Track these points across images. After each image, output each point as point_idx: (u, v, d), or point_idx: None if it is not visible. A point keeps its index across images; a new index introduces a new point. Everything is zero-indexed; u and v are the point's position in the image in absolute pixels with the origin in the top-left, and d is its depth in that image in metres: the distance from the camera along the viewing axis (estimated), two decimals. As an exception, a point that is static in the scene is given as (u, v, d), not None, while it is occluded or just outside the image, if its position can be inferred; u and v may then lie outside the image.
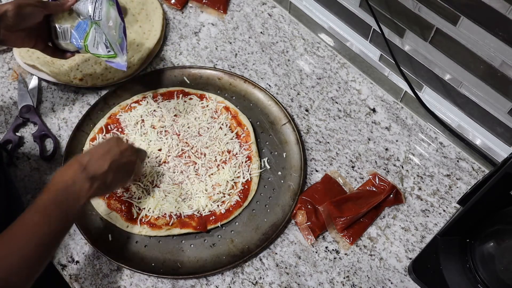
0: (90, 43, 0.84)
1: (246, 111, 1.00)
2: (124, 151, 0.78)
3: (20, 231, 0.64)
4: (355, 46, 1.04)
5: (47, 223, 0.65)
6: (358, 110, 1.02)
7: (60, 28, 0.85)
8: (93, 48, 0.85)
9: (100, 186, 0.73)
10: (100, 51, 0.85)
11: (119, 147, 0.78)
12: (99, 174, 0.73)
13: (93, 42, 0.84)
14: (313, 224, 0.88)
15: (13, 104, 1.02)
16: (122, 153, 0.78)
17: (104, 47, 0.84)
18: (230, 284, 0.85)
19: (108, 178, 0.74)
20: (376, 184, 0.92)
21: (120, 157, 0.77)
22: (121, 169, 0.77)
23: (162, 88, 1.02)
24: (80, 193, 0.70)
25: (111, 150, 0.77)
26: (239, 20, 1.15)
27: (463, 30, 0.78)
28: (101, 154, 0.76)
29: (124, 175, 0.80)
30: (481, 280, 0.77)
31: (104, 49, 0.84)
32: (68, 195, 0.69)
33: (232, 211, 0.89)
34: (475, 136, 0.92)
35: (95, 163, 0.73)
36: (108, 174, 0.74)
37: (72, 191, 0.69)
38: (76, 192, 0.70)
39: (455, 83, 0.88)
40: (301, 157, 0.94)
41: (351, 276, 0.85)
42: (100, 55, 0.85)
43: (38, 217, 0.65)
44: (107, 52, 0.84)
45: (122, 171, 0.78)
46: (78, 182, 0.70)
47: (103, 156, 0.75)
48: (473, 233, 0.80)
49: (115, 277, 0.85)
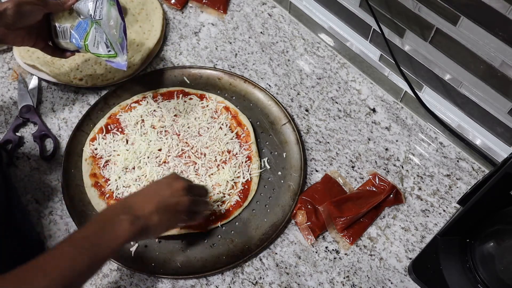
0: (90, 42, 0.84)
1: (246, 111, 1.00)
2: (176, 191, 0.74)
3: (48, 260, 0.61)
4: (355, 46, 1.04)
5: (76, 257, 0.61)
6: (358, 110, 1.02)
7: (60, 27, 0.85)
8: (94, 48, 0.84)
9: (144, 227, 0.68)
10: (101, 50, 0.84)
11: (172, 186, 0.74)
12: (143, 214, 0.69)
13: (93, 41, 0.84)
14: (313, 224, 0.88)
15: (13, 104, 1.02)
16: (173, 194, 0.74)
17: (104, 46, 0.84)
18: (230, 284, 0.85)
19: (153, 219, 0.70)
20: (376, 184, 0.92)
21: (170, 197, 0.73)
22: (169, 210, 0.72)
23: (162, 88, 1.02)
24: (118, 232, 0.66)
25: (161, 190, 0.73)
26: (239, 20, 1.15)
27: (463, 30, 0.78)
28: (150, 194, 0.73)
29: (174, 217, 0.74)
30: (481, 280, 0.77)
31: (105, 49, 0.84)
32: (105, 232, 0.65)
33: (232, 211, 0.89)
34: (475, 136, 0.92)
35: (141, 203, 0.70)
36: (153, 216, 0.70)
37: (110, 228, 0.66)
38: (114, 231, 0.66)
39: (455, 83, 0.88)
40: (301, 157, 0.94)
41: (351, 276, 0.85)
42: (100, 55, 0.85)
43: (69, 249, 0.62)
44: (107, 51, 0.84)
45: (171, 213, 0.73)
46: (118, 221, 0.67)
47: (151, 197, 0.72)
48: (473, 233, 0.80)
49: (115, 277, 0.85)
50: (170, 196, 0.73)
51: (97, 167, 0.93)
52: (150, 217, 0.70)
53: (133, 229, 0.67)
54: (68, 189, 0.91)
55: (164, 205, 0.72)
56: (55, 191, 0.92)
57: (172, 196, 0.73)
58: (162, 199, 0.72)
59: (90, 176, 0.92)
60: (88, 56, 1.05)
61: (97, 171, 0.93)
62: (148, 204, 0.70)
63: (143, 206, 0.70)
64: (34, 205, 0.91)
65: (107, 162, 0.93)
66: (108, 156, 0.94)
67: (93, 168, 0.93)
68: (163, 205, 0.72)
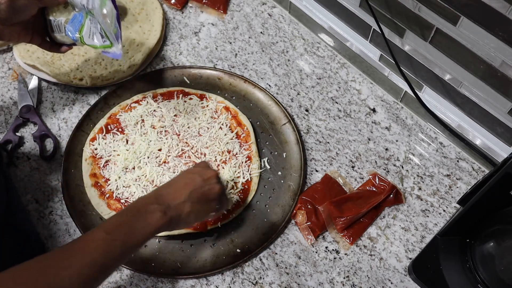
0: (85, 34, 0.83)
1: (246, 111, 1.00)
2: (208, 179, 0.75)
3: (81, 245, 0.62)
4: (355, 46, 1.04)
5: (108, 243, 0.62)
6: (358, 110, 1.02)
7: (55, 21, 0.84)
8: (89, 39, 0.84)
9: (175, 217, 0.69)
10: (96, 41, 0.83)
11: (203, 175, 0.75)
12: (175, 204, 0.70)
13: (88, 33, 0.83)
14: (313, 224, 0.88)
15: (13, 104, 1.02)
16: (205, 181, 0.74)
17: (99, 37, 0.83)
18: (230, 284, 0.85)
19: (185, 208, 0.71)
20: (376, 184, 0.92)
21: (202, 185, 0.73)
22: (202, 199, 0.73)
23: (162, 88, 1.02)
24: (150, 221, 0.66)
25: (194, 179, 0.74)
26: (239, 20, 1.15)
27: (463, 30, 0.78)
28: (182, 184, 0.73)
29: (206, 205, 0.74)
30: (481, 280, 0.77)
31: (100, 39, 0.83)
32: (138, 221, 0.66)
33: (232, 211, 0.89)
34: (475, 136, 0.92)
35: (173, 193, 0.71)
36: (185, 204, 0.71)
37: (143, 217, 0.67)
38: (146, 219, 0.66)
39: (455, 83, 0.88)
40: (301, 157, 0.94)
41: (351, 276, 0.85)
42: (96, 46, 0.84)
43: (102, 235, 0.63)
44: (102, 42, 0.83)
45: (203, 201, 0.74)
46: (150, 210, 0.67)
47: (183, 186, 0.72)
48: (473, 233, 0.80)
49: (115, 277, 0.85)
50: (202, 185, 0.74)
51: (97, 167, 0.93)
52: (182, 206, 0.70)
53: (165, 218, 0.67)
54: (68, 189, 0.91)
55: (196, 194, 0.72)
56: (55, 191, 0.92)
57: (204, 185, 0.74)
58: (194, 188, 0.73)
59: (90, 176, 0.92)
60: (88, 56, 1.05)
61: (97, 171, 0.93)
62: (180, 194, 0.71)
63: (175, 196, 0.70)
64: (34, 205, 0.91)
65: (107, 162, 0.93)
66: (108, 156, 0.94)
67: (93, 168, 0.93)
68: (195, 194, 0.72)
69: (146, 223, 0.66)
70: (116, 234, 0.63)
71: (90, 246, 0.62)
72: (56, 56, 1.05)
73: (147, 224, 0.66)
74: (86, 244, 0.62)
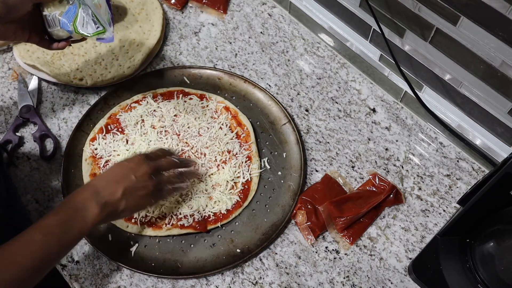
0: (79, 24, 0.82)
1: (246, 111, 1.00)
2: (141, 176, 0.76)
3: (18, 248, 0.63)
4: (355, 46, 1.04)
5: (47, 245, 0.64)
6: (358, 110, 1.02)
7: (50, 16, 0.82)
8: (83, 28, 0.83)
9: (111, 213, 0.72)
10: (90, 29, 0.83)
11: (135, 172, 0.76)
12: (112, 201, 0.72)
13: (82, 22, 0.82)
14: (313, 224, 0.88)
15: (13, 104, 1.02)
16: (138, 179, 0.75)
17: (92, 24, 0.82)
18: (230, 284, 0.85)
19: (121, 205, 0.73)
20: (376, 184, 0.92)
21: (135, 182, 0.75)
22: (136, 195, 0.75)
23: (162, 88, 1.02)
24: (87, 219, 0.69)
25: (127, 175, 0.75)
26: (239, 20, 1.15)
27: (463, 30, 0.78)
28: (116, 179, 0.74)
29: (139, 200, 0.76)
30: (481, 280, 0.77)
31: (93, 26, 0.82)
32: (75, 219, 0.68)
33: (232, 211, 0.89)
34: (475, 136, 0.93)
35: (108, 189, 0.72)
36: (121, 202, 0.73)
37: (80, 215, 0.68)
38: (84, 217, 0.68)
39: (455, 83, 0.88)
40: (301, 157, 0.94)
41: (351, 276, 0.85)
42: (90, 35, 0.83)
43: (39, 237, 0.64)
44: (96, 29, 0.82)
45: (139, 197, 0.76)
46: (87, 207, 0.69)
47: (117, 183, 0.73)
48: (473, 233, 0.80)
49: (115, 277, 0.85)
50: (135, 182, 0.75)
51: (97, 167, 0.93)
52: (118, 203, 0.72)
53: (102, 215, 0.70)
54: (68, 189, 0.91)
55: (130, 191, 0.74)
56: (55, 191, 0.92)
57: (137, 182, 0.75)
58: (128, 184, 0.74)
59: (90, 176, 0.92)
60: (88, 56, 1.05)
61: (97, 171, 0.93)
62: (115, 190, 0.72)
63: (110, 192, 0.72)
64: (34, 205, 0.91)
65: (107, 162, 0.93)
66: (108, 156, 0.94)
67: (93, 168, 0.93)
68: (129, 191, 0.74)
69: (83, 222, 0.68)
70: (54, 235, 0.65)
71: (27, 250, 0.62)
72: (56, 56, 1.05)
73: (85, 222, 0.68)
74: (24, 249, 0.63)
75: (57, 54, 1.05)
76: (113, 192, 0.72)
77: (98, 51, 1.07)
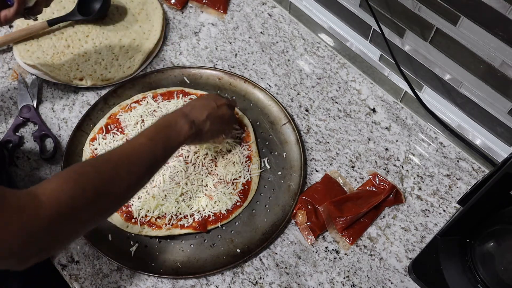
0: None
1: (246, 111, 1.00)
2: (221, 105, 0.87)
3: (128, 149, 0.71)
4: (355, 46, 1.04)
5: (152, 147, 0.73)
6: (358, 110, 1.02)
7: None
8: None
9: (198, 131, 0.81)
10: None
11: (216, 102, 0.87)
12: (198, 121, 0.81)
13: None
14: (313, 224, 0.88)
15: (13, 104, 1.02)
16: (219, 107, 0.86)
17: None
18: (230, 284, 0.85)
19: (206, 126, 0.83)
20: (376, 184, 0.92)
21: (217, 110, 0.86)
22: (217, 120, 0.85)
23: (162, 88, 1.02)
24: (180, 131, 0.78)
25: (210, 103, 0.86)
26: (239, 20, 1.15)
27: (463, 30, 0.78)
28: (201, 105, 0.84)
29: (220, 126, 0.87)
30: (481, 280, 0.77)
31: None
32: (171, 131, 0.77)
33: (232, 211, 0.89)
34: (475, 136, 0.93)
35: (195, 112, 0.82)
36: (206, 123, 0.83)
37: (174, 128, 0.78)
38: (177, 130, 0.78)
39: (455, 83, 0.88)
40: (301, 157, 0.94)
41: (351, 276, 0.85)
42: None
43: (145, 141, 0.73)
44: None
45: (218, 122, 0.86)
46: (179, 123, 0.78)
47: (203, 108, 0.84)
48: (473, 233, 0.80)
49: (115, 277, 0.85)
50: (217, 109, 0.86)
51: (97, 167, 0.93)
52: (204, 124, 0.83)
53: (191, 131, 0.79)
54: (68, 189, 0.91)
55: (213, 115, 0.84)
56: (55, 191, 0.92)
57: (218, 109, 0.86)
58: (212, 110, 0.85)
59: (90, 176, 0.92)
60: (88, 56, 1.05)
61: (97, 171, 0.93)
62: (201, 114, 0.83)
63: (197, 115, 0.82)
64: (34, 205, 0.91)
65: (107, 162, 0.93)
66: (108, 156, 0.94)
67: (93, 168, 0.93)
68: (212, 115, 0.84)
69: (177, 133, 0.78)
70: (156, 140, 0.74)
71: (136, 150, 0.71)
72: (56, 56, 1.05)
73: (179, 134, 0.78)
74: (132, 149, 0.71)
75: (57, 54, 1.05)
76: (199, 114, 0.82)
77: (98, 51, 1.07)
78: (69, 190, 0.60)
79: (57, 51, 1.06)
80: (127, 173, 0.68)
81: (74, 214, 0.60)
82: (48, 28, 1.08)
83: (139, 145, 0.72)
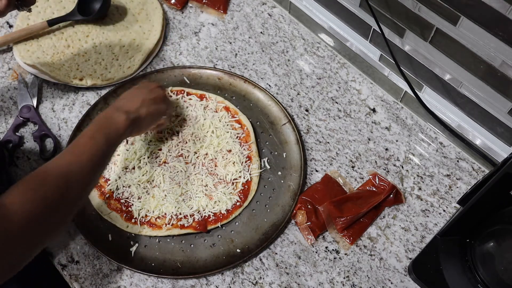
0: None
1: (246, 111, 1.00)
2: (152, 89, 0.89)
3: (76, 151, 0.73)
4: (355, 46, 1.04)
5: (96, 145, 0.74)
6: (358, 110, 1.02)
7: None
8: None
9: (135, 119, 0.82)
10: None
11: (147, 86, 0.89)
12: (133, 109, 0.82)
13: None
14: (313, 224, 0.88)
15: (13, 104, 1.02)
16: (151, 91, 0.88)
17: None
18: (230, 284, 0.85)
19: (142, 111, 0.84)
20: (376, 184, 0.92)
21: (149, 93, 0.87)
22: (151, 103, 0.86)
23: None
24: (118, 124, 0.79)
25: (140, 91, 0.87)
26: (239, 20, 1.15)
27: (463, 30, 0.78)
28: (132, 95, 0.86)
29: (156, 107, 0.87)
30: (481, 280, 0.77)
31: None
32: (109, 125, 0.78)
33: (232, 211, 0.89)
34: (475, 136, 0.93)
35: (128, 103, 0.84)
36: (141, 109, 0.84)
37: (112, 122, 0.79)
38: (115, 123, 0.79)
39: (455, 83, 0.88)
40: (301, 157, 0.94)
41: (351, 276, 0.85)
42: None
43: (87, 140, 0.74)
44: None
45: (153, 104, 0.86)
46: (115, 116, 0.79)
47: (134, 96, 0.86)
48: (473, 233, 0.80)
49: (115, 277, 0.85)
50: (149, 93, 0.87)
51: (97, 167, 0.93)
52: (139, 110, 0.83)
53: (129, 121, 0.80)
54: (68, 189, 0.91)
55: (147, 100, 0.85)
56: (55, 191, 0.92)
57: (151, 92, 0.88)
58: (144, 96, 0.86)
59: (90, 176, 0.92)
60: (88, 56, 1.05)
61: (97, 171, 0.93)
62: (135, 102, 0.84)
63: (131, 105, 0.83)
64: (34, 205, 0.91)
65: (107, 162, 0.93)
66: (108, 156, 0.94)
67: (93, 168, 0.93)
68: (146, 100, 0.85)
69: (116, 126, 0.79)
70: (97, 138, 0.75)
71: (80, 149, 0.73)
72: (56, 56, 1.05)
73: (117, 127, 0.79)
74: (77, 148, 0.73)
75: (57, 54, 1.05)
76: (132, 103, 0.84)
77: (98, 51, 1.07)
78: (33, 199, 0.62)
79: (57, 51, 1.06)
80: (80, 174, 0.70)
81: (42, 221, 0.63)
82: (48, 28, 1.08)
83: (83, 145, 0.74)
